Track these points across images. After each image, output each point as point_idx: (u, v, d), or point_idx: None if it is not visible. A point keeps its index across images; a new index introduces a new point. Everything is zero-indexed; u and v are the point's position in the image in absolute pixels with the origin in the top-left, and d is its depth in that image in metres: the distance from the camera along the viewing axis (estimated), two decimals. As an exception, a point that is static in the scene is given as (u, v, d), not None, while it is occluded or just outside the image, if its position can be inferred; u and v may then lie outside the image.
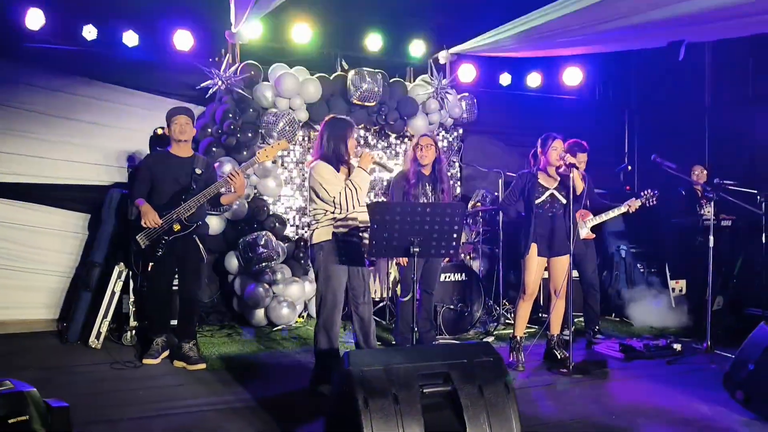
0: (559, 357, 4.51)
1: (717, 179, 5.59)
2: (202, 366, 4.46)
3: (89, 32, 6.24)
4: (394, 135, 7.03)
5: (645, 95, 9.45)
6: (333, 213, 3.82)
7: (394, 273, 6.00)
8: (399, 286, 5.23)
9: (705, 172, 6.18)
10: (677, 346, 4.76)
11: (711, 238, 4.79)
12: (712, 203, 5.01)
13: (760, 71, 7.97)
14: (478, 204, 6.41)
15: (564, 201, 4.52)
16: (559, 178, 4.58)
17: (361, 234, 3.85)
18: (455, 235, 3.36)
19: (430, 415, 2.45)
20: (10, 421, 2.22)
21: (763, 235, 5.23)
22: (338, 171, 3.86)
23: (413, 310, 3.60)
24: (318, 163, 3.87)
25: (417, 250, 3.32)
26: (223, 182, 4.54)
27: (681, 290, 6.42)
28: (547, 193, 4.55)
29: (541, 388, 3.97)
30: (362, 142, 6.88)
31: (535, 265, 4.52)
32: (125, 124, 6.39)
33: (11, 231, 5.98)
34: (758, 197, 5.22)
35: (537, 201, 4.55)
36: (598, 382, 4.12)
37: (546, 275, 4.75)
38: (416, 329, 3.47)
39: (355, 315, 3.94)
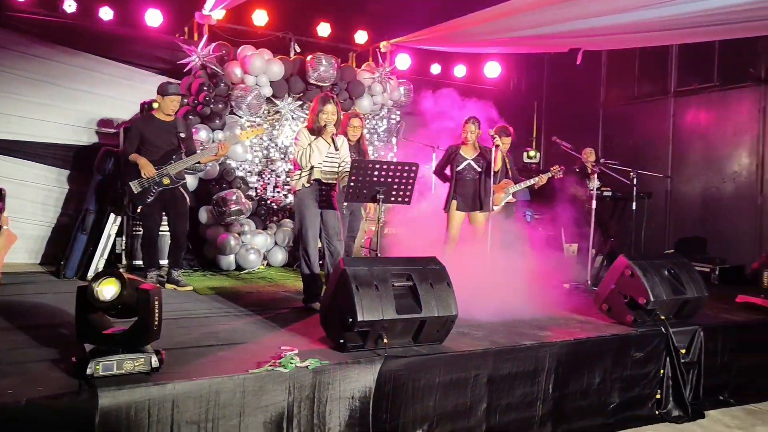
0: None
1: (602, 158, 7.08)
2: (190, 288, 5.55)
3: (69, 5, 6.93)
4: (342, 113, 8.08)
5: (552, 89, 11.02)
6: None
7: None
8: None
9: (593, 152, 7.64)
10: (566, 285, 6.21)
11: (594, 203, 6.25)
12: (596, 176, 6.45)
13: (643, 75, 9.65)
14: None
15: (479, 169, 5.82)
16: (478, 151, 5.88)
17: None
18: (410, 187, 4.53)
19: (399, 300, 3.62)
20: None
21: (633, 203, 6.73)
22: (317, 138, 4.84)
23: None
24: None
25: (381, 197, 4.47)
26: (213, 149, 5.54)
27: (573, 251, 7.93)
28: (465, 162, 5.86)
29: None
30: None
31: (455, 217, 5.84)
32: (104, 91, 7.11)
33: (-2, 183, 6.61)
34: (630, 173, 6.70)
35: (458, 168, 5.86)
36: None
37: None
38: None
39: (327, 251, 4.97)
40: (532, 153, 9.92)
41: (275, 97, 7.42)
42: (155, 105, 5.61)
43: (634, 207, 6.71)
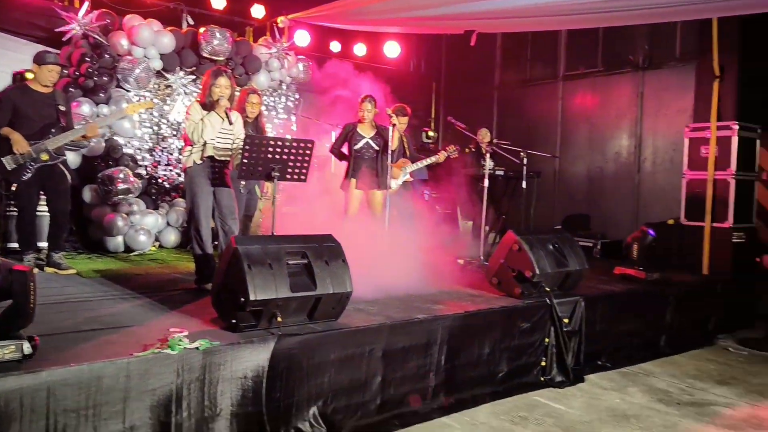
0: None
1: (495, 139, 7.34)
2: (73, 271, 5.21)
3: (-73, -38, 6.24)
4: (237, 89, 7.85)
5: (450, 71, 11.25)
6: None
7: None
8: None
9: (488, 133, 7.88)
10: (460, 261, 6.42)
11: (486, 181, 6.48)
12: (489, 156, 6.68)
13: (535, 59, 10.05)
14: None
15: (377, 148, 5.87)
16: (375, 130, 5.92)
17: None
18: (306, 164, 4.48)
19: (293, 278, 3.59)
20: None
21: (524, 182, 7.03)
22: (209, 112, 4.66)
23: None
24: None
25: (276, 174, 4.39)
26: (84, 129, 5.18)
27: (468, 228, 8.20)
28: (363, 141, 5.89)
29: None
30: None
31: (353, 196, 5.88)
32: (-28, 59, 6.49)
33: None
34: (521, 153, 6.98)
35: (355, 146, 5.88)
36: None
37: None
38: None
39: (221, 231, 4.82)
40: (431, 133, 10.11)
41: (166, 70, 7.09)
42: (29, 75, 5.19)
43: (524, 185, 7.00)
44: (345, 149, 6.03)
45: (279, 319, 3.49)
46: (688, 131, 6.99)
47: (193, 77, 7.36)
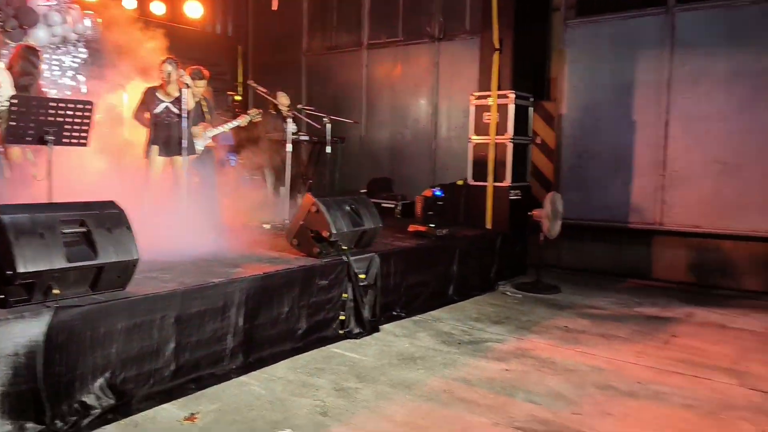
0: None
1: (300, 104, 7.42)
2: None
3: None
4: (12, 44, 7.04)
5: (258, 35, 11.07)
6: None
7: None
8: None
9: (286, 96, 7.85)
10: (266, 225, 6.48)
11: (289, 146, 6.57)
12: (290, 120, 6.75)
13: (341, 27, 10.25)
14: None
15: (177, 112, 5.68)
16: (177, 94, 5.70)
17: None
18: (86, 127, 4.21)
19: (70, 248, 3.40)
20: None
21: (328, 147, 7.21)
22: None
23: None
24: None
25: (51, 138, 4.07)
26: None
27: (276, 193, 8.25)
28: (163, 105, 5.67)
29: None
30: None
31: (155, 163, 5.66)
32: None
33: None
34: (324, 119, 7.14)
35: (155, 111, 5.64)
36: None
37: None
38: None
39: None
40: (237, 97, 9.92)
41: None
42: None
43: (328, 150, 7.19)
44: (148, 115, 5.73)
45: (56, 291, 3.30)
46: (473, 99, 7.64)
47: (-47, 29, 6.46)
